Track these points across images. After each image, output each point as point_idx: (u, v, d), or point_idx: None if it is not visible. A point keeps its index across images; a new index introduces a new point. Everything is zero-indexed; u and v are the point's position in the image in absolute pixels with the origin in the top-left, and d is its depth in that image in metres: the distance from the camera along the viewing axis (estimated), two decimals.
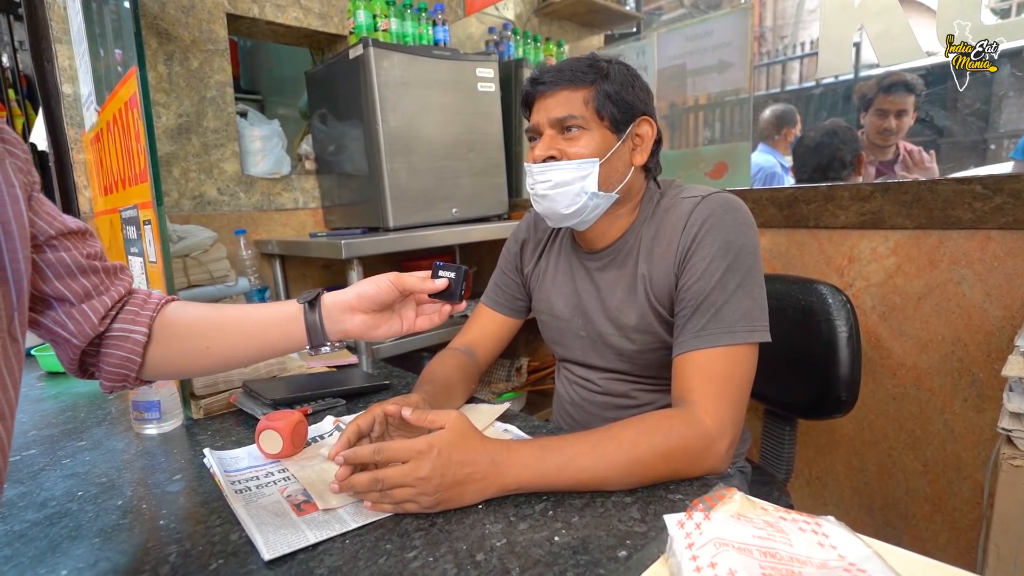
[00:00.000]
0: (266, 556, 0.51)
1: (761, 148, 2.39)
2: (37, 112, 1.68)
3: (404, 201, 1.57)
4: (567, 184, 0.78)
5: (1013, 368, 0.80)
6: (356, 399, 0.95)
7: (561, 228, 0.94)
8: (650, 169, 0.84)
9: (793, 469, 1.10)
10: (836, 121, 1.90)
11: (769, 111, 2.50)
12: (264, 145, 1.75)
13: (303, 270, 1.84)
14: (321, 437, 0.79)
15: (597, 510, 0.57)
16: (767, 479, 1.05)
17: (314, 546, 0.53)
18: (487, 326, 0.99)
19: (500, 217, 1.85)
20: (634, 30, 2.77)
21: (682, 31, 1.86)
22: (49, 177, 1.50)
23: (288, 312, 0.62)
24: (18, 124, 1.78)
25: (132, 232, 0.98)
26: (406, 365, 1.23)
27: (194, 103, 1.59)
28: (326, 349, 0.63)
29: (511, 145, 1.92)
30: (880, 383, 1.28)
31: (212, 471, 0.69)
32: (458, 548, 0.52)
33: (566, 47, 2.47)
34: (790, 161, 2.20)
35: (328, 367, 1.11)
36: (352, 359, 1.17)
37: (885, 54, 1.28)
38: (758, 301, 0.72)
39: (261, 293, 1.63)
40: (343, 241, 1.36)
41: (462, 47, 2.18)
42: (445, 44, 1.93)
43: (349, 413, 0.89)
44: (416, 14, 1.87)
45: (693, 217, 0.76)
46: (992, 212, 1.06)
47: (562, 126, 0.78)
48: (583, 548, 0.51)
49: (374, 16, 1.81)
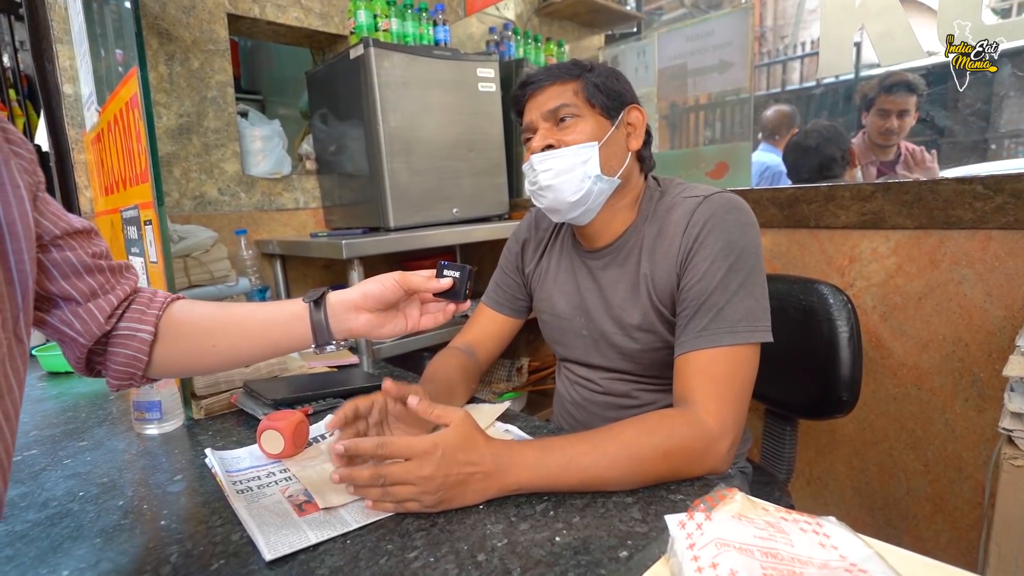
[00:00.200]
0: (267, 556, 0.51)
1: (764, 147, 2.39)
2: (38, 112, 1.68)
3: (405, 201, 1.57)
4: (570, 171, 0.78)
5: (1014, 368, 0.80)
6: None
7: (562, 227, 0.95)
8: (644, 160, 0.86)
9: (794, 469, 1.10)
10: (818, 122, 1.90)
11: (775, 111, 2.50)
12: (265, 145, 1.75)
13: (304, 270, 1.85)
14: (322, 437, 0.79)
15: (598, 510, 0.57)
16: (768, 479, 1.05)
17: (315, 546, 0.53)
18: (488, 326, 0.99)
19: (501, 217, 1.85)
20: (635, 30, 2.77)
21: (683, 31, 1.86)
22: (50, 177, 1.50)
23: (293, 311, 0.62)
24: (19, 124, 1.78)
25: (133, 232, 0.98)
26: (407, 365, 1.23)
27: (195, 103, 1.60)
28: (331, 348, 0.63)
29: (512, 145, 1.92)
30: (881, 383, 1.28)
31: (213, 471, 0.69)
32: (459, 548, 0.52)
33: (567, 47, 2.47)
34: None
35: (329, 367, 1.11)
36: (353, 359, 1.17)
37: (886, 54, 1.28)
38: (760, 301, 0.72)
39: (262, 293, 1.63)
40: (344, 241, 1.36)
41: (463, 47, 2.18)
42: (446, 44, 1.93)
43: None
44: (417, 14, 1.87)
45: (695, 217, 0.76)
46: (993, 212, 1.06)
47: (556, 117, 0.80)
48: (584, 548, 0.51)
49: (375, 16, 1.81)
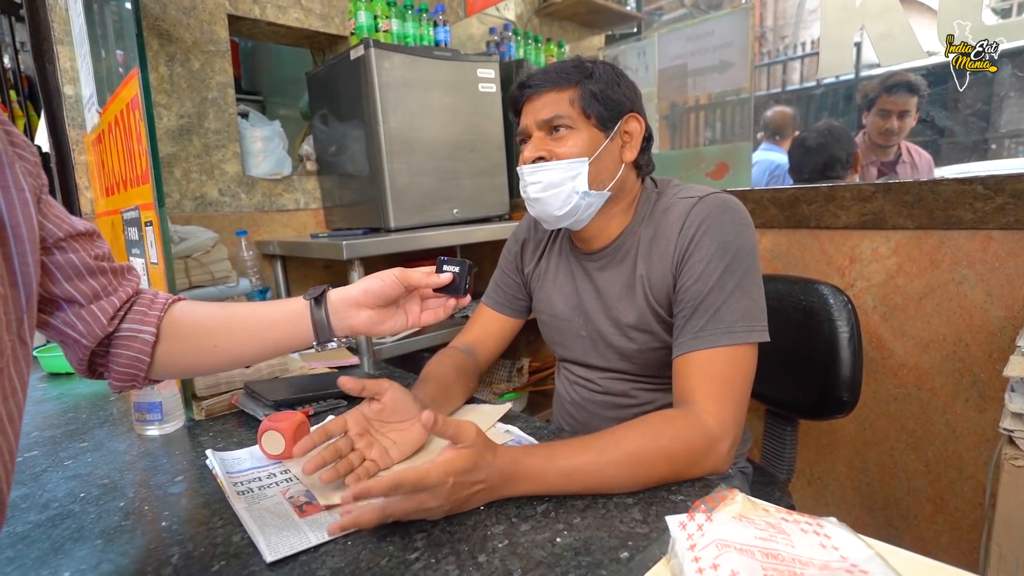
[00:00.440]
0: (268, 558, 0.51)
1: (767, 147, 2.39)
2: (39, 113, 1.69)
3: (405, 202, 1.57)
4: (558, 185, 0.78)
5: (1015, 368, 0.80)
6: (357, 401, 0.95)
7: (560, 229, 0.95)
8: (641, 166, 0.85)
9: (794, 469, 1.10)
10: (830, 121, 1.89)
11: (777, 111, 2.50)
12: (265, 146, 1.75)
13: (304, 271, 1.85)
14: None
15: (599, 511, 0.57)
16: (768, 479, 1.05)
17: (316, 547, 0.53)
18: (488, 326, 1.00)
19: (501, 218, 1.85)
20: (635, 30, 2.77)
21: (683, 31, 1.86)
22: (51, 178, 1.51)
23: (294, 309, 0.62)
24: (19, 125, 1.79)
25: (134, 233, 0.98)
26: (407, 365, 1.23)
27: (195, 104, 1.60)
28: (332, 345, 0.63)
29: (512, 146, 1.92)
30: (881, 383, 1.28)
31: (214, 472, 0.69)
32: (460, 549, 0.52)
33: (567, 47, 2.47)
34: None
35: (329, 368, 1.11)
36: (353, 360, 1.17)
37: (886, 54, 1.28)
38: (756, 301, 0.72)
39: (262, 294, 1.63)
40: (344, 242, 1.36)
41: (463, 48, 2.18)
42: (446, 45, 1.93)
43: None
44: (417, 15, 1.87)
45: (691, 218, 0.76)
46: (993, 212, 1.06)
47: (550, 127, 0.79)
48: (585, 549, 0.51)
49: (375, 17, 1.81)
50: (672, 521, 0.48)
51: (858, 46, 1.56)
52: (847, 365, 0.96)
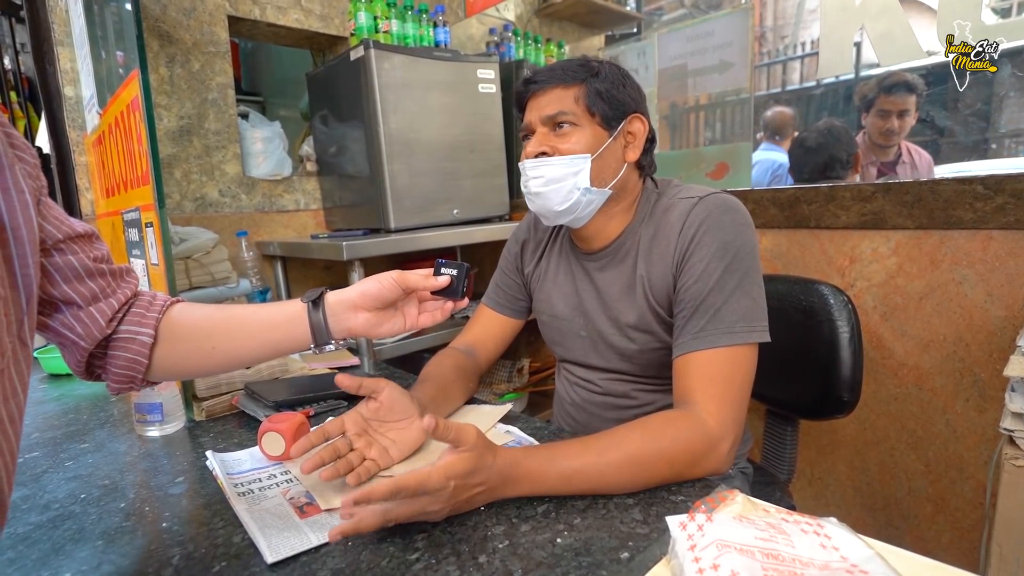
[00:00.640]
0: (269, 559, 0.51)
1: (767, 147, 2.39)
2: (39, 115, 1.69)
3: (405, 202, 1.57)
4: (559, 181, 0.78)
5: (1015, 368, 0.80)
6: (357, 401, 0.95)
7: (561, 229, 0.95)
8: (644, 167, 0.85)
9: (795, 469, 1.10)
10: (831, 121, 1.89)
11: (777, 111, 2.49)
12: (265, 147, 1.75)
13: (304, 271, 1.85)
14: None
15: (599, 512, 0.57)
16: (769, 479, 1.05)
17: (317, 548, 0.53)
18: (488, 326, 1.00)
19: (501, 218, 1.85)
20: (635, 31, 2.77)
21: (683, 31, 1.86)
22: (51, 180, 1.51)
23: (292, 311, 0.62)
24: (20, 126, 1.79)
25: (134, 234, 0.98)
26: (407, 366, 1.23)
27: (195, 105, 1.60)
28: (330, 347, 0.63)
29: (512, 146, 1.92)
30: (882, 383, 1.28)
31: (215, 473, 0.69)
32: (460, 550, 0.52)
33: (567, 48, 2.48)
34: None
35: (330, 368, 1.11)
36: (354, 360, 1.17)
37: (886, 54, 1.28)
38: (757, 301, 0.72)
39: (263, 295, 1.63)
40: (344, 243, 1.36)
41: (463, 48, 2.18)
42: (446, 45, 1.93)
43: None
44: (417, 16, 1.87)
45: (691, 218, 0.76)
46: (993, 212, 1.06)
47: (553, 123, 0.79)
48: (585, 550, 0.51)
49: (375, 18, 1.82)
50: (672, 521, 0.48)
51: (858, 46, 1.56)
52: (847, 365, 0.96)
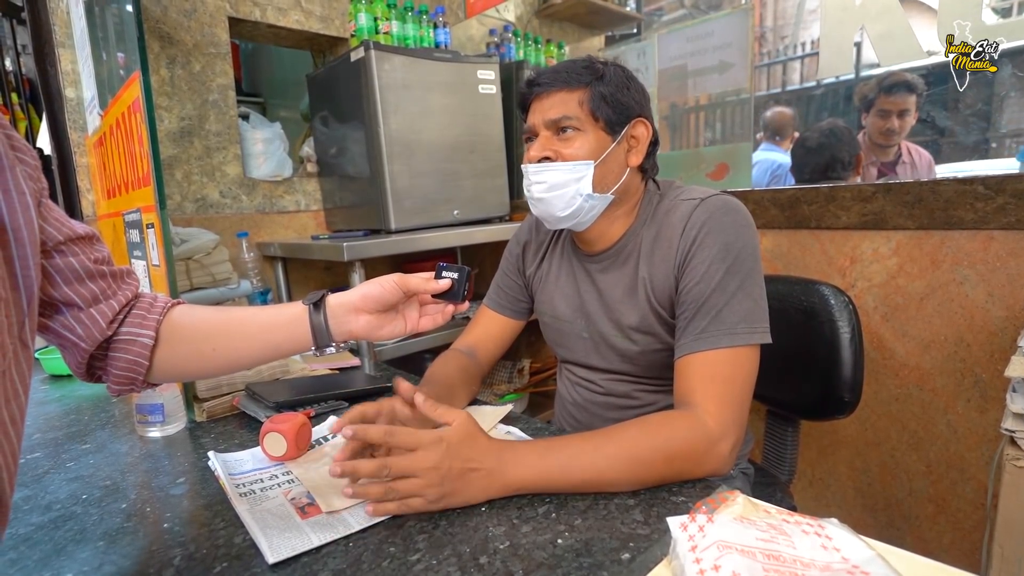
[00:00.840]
0: (270, 559, 0.51)
1: (767, 147, 2.39)
2: (40, 116, 1.69)
3: (406, 203, 1.57)
4: (562, 187, 0.78)
5: (1016, 369, 0.80)
6: (359, 401, 0.94)
7: (563, 231, 0.95)
8: (647, 170, 0.85)
9: (796, 470, 1.10)
10: (834, 121, 1.89)
11: (777, 111, 2.49)
12: (266, 148, 1.75)
13: (305, 272, 1.85)
14: (325, 439, 0.79)
15: (600, 512, 0.57)
16: (770, 480, 1.05)
17: (318, 549, 0.53)
18: (489, 328, 1.00)
19: (502, 219, 1.85)
20: (635, 31, 2.77)
21: (683, 32, 1.86)
22: (52, 181, 1.51)
23: (293, 314, 0.62)
24: (21, 128, 1.79)
25: (135, 235, 0.98)
26: (408, 367, 1.23)
27: (196, 106, 1.60)
28: (331, 350, 0.64)
29: (512, 147, 1.92)
30: (883, 384, 1.28)
31: (216, 474, 0.69)
32: (461, 551, 0.52)
33: (567, 49, 2.48)
34: None
35: (330, 369, 1.11)
36: (355, 361, 1.17)
37: (886, 54, 1.28)
38: (758, 302, 0.72)
39: (263, 295, 1.63)
40: (345, 243, 1.36)
41: (463, 49, 2.18)
42: (446, 46, 1.94)
43: None
44: (417, 17, 1.87)
45: (692, 220, 0.76)
46: (994, 212, 1.06)
47: (557, 127, 0.79)
48: (586, 550, 0.51)
49: (375, 19, 1.82)
50: (673, 522, 0.48)
51: (858, 46, 1.56)
52: (848, 366, 0.96)
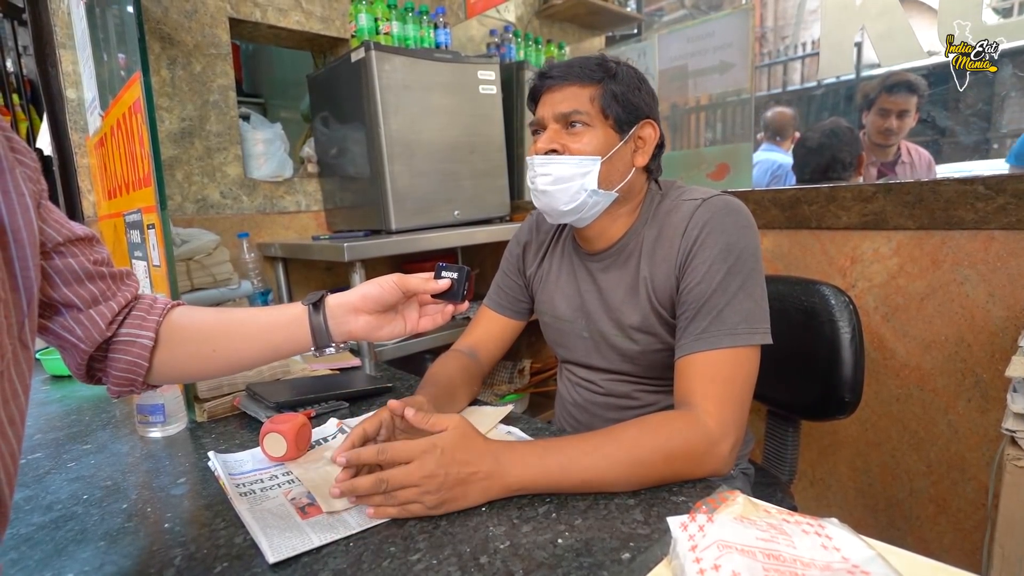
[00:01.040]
0: (271, 559, 0.51)
1: (768, 147, 2.39)
2: (41, 117, 1.69)
3: (406, 203, 1.57)
4: (568, 180, 0.78)
5: (1017, 369, 0.79)
6: (359, 402, 0.95)
7: (564, 230, 0.95)
8: (651, 171, 0.85)
9: (796, 470, 1.10)
10: (837, 121, 1.89)
11: (777, 112, 2.49)
12: (266, 148, 1.76)
13: (306, 273, 1.85)
14: (325, 440, 0.79)
15: (600, 512, 0.57)
16: (770, 480, 1.05)
17: (318, 549, 0.53)
18: (489, 328, 1.00)
19: (502, 219, 1.85)
20: (635, 31, 2.78)
21: (683, 32, 1.86)
22: (53, 182, 1.51)
23: (293, 314, 0.62)
24: (22, 128, 1.79)
25: (136, 236, 0.98)
26: (409, 367, 1.23)
27: (197, 107, 1.60)
28: (331, 350, 0.64)
29: (513, 147, 1.92)
30: (883, 384, 1.28)
31: (216, 474, 0.69)
32: (462, 551, 0.52)
33: (567, 49, 2.48)
34: None
35: (331, 370, 1.11)
36: (355, 362, 1.17)
37: (886, 54, 1.28)
38: (759, 303, 0.72)
39: (264, 296, 1.63)
40: (345, 244, 1.36)
41: (463, 50, 2.18)
42: (446, 47, 1.94)
43: (352, 416, 0.89)
44: (417, 17, 1.88)
45: (694, 220, 0.76)
46: (995, 212, 1.06)
47: (567, 121, 0.79)
48: (587, 550, 0.51)
49: (376, 19, 1.82)
50: (673, 522, 0.48)
51: (858, 46, 1.56)
52: (849, 366, 0.96)
